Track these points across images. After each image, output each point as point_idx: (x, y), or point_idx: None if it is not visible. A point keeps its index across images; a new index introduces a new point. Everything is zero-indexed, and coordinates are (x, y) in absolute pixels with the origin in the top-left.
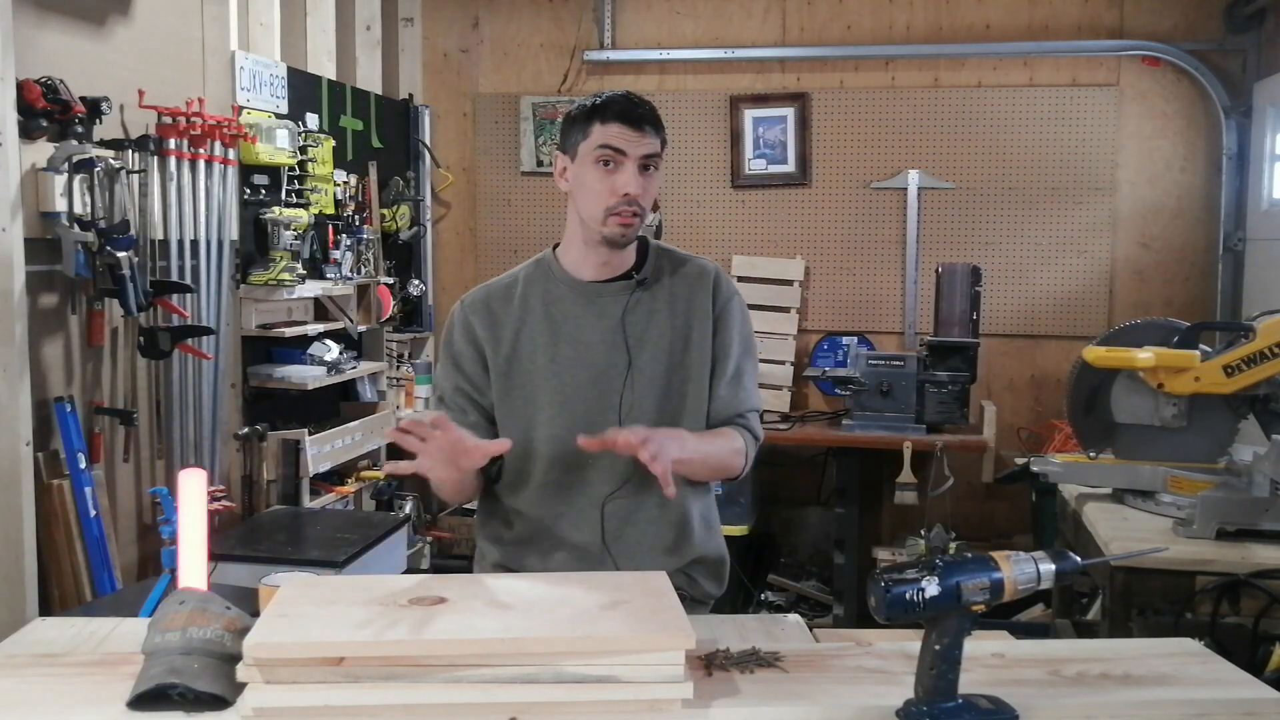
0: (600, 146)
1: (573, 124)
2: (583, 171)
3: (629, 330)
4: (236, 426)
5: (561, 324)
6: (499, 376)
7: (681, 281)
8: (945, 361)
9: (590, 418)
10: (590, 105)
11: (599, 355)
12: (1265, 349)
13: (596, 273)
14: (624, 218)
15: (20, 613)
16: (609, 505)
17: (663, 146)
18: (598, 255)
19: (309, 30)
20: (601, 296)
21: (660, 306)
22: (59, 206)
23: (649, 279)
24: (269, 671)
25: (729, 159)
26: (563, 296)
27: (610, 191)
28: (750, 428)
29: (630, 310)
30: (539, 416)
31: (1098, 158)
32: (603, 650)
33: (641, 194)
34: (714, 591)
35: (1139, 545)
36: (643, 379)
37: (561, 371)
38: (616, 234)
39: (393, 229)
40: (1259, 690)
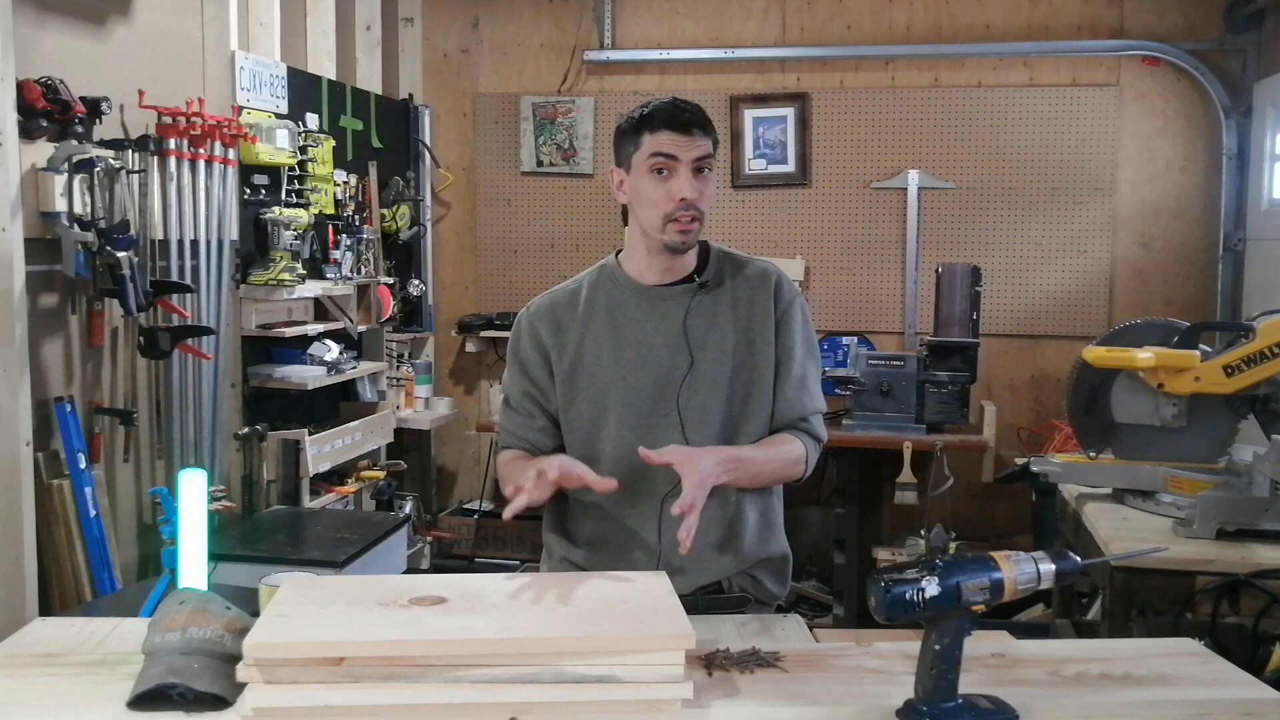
0: (652, 155)
1: (623, 137)
2: (638, 182)
3: (691, 332)
4: (236, 426)
5: (625, 327)
6: (564, 380)
7: (743, 284)
8: (945, 361)
9: (654, 419)
10: (639, 116)
11: (662, 357)
12: (1265, 349)
13: (659, 278)
14: (682, 224)
15: (20, 613)
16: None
17: (715, 146)
18: (660, 262)
19: (309, 30)
20: (664, 300)
21: (723, 309)
22: (59, 206)
23: (711, 282)
24: (269, 671)
25: (729, 159)
26: (626, 301)
27: (667, 198)
28: (813, 431)
29: (692, 312)
30: (604, 418)
31: (1098, 158)
32: (603, 650)
33: (698, 197)
34: (778, 592)
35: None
36: (705, 380)
37: (625, 374)
38: (677, 241)
39: (393, 229)
40: (1259, 690)
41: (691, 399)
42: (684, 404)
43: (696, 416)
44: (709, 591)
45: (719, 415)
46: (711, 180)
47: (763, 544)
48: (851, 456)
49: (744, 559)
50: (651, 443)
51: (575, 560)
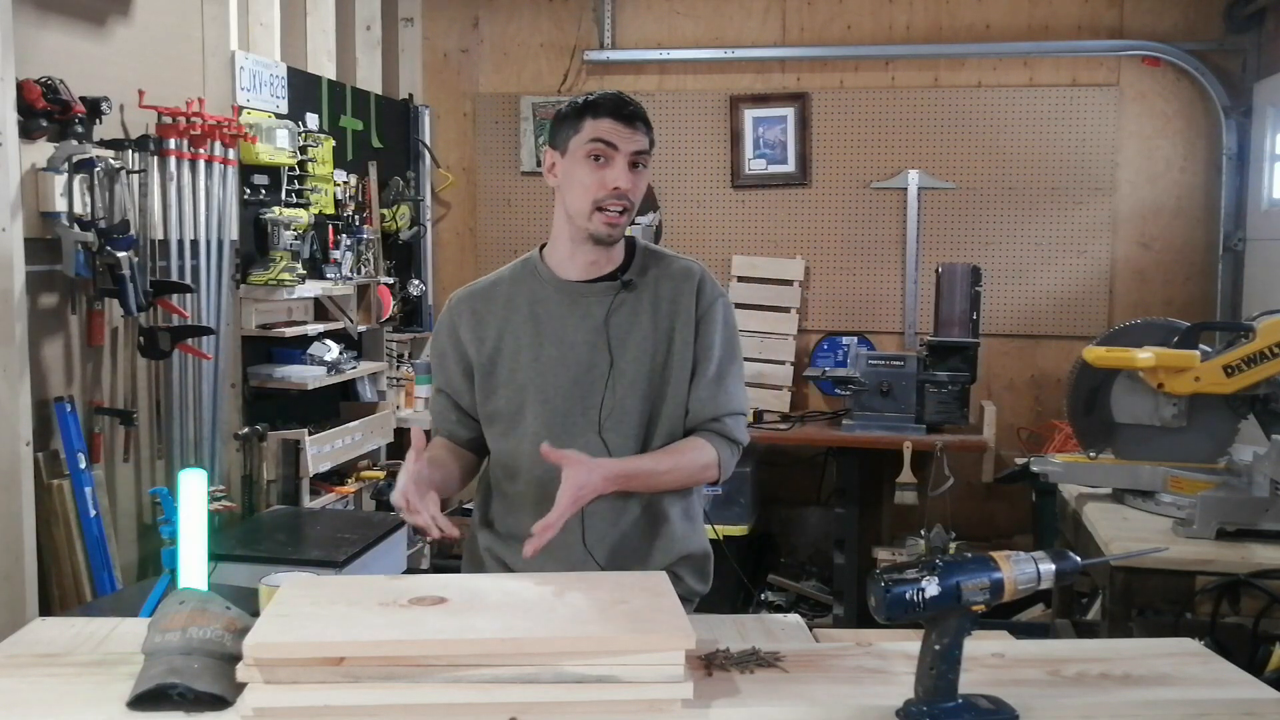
0: (592, 140)
1: (564, 120)
2: (573, 166)
3: (612, 331)
4: (236, 426)
5: (545, 324)
6: (483, 376)
7: (666, 282)
8: (945, 361)
9: (572, 418)
10: (582, 102)
11: (582, 355)
12: (1265, 349)
13: (583, 272)
14: (610, 215)
15: (20, 613)
16: (589, 506)
17: (651, 147)
18: (584, 254)
19: (309, 30)
20: (586, 297)
21: (644, 308)
22: (59, 206)
23: (634, 280)
24: (269, 671)
25: (729, 159)
26: (548, 297)
27: (600, 185)
28: (726, 432)
29: (614, 311)
30: (523, 415)
31: (1098, 158)
32: (603, 650)
33: (630, 189)
34: (700, 589)
35: (1139, 545)
36: (624, 380)
37: (544, 372)
38: (603, 231)
39: (393, 229)
40: (1259, 690)
41: (610, 399)
42: (604, 404)
43: (614, 416)
44: None
45: (636, 415)
46: (644, 177)
47: (684, 540)
48: (851, 456)
49: (666, 555)
50: (569, 441)
51: (500, 556)
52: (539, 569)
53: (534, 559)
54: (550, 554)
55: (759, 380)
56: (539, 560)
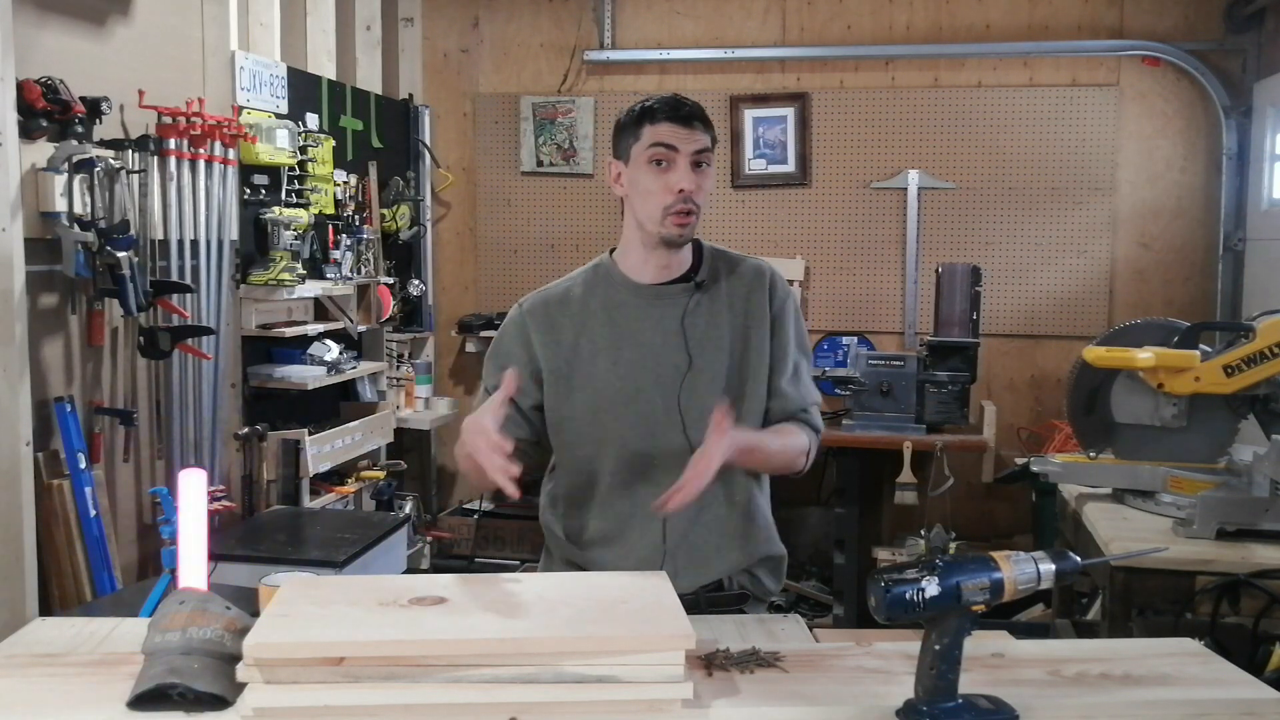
0: (652, 145)
1: (623, 130)
2: (637, 174)
3: (689, 332)
4: (236, 426)
5: (623, 326)
6: (558, 380)
7: (738, 282)
8: (945, 361)
9: (654, 418)
10: (639, 109)
11: (661, 357)
12: (1265, 349)
13: (656, 275)
14: (679, 216)
15: (20, 613)
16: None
17: (714, 143)
18: (657, 258)
19: (309, 30)
20: (661, 299)
21: (719, 308)
22: (59, 206)
23: (707, 281)
24: (269, 671)
25: (729, 159)
26: (624, 301)
27: (665, 190)
28: (812, 422)
29: (690, 312)
30: (604, 418)
31: (1098, 158)
32: (603, 650)
33: (696, 190)
34: (774, 588)
35: (1139, 545)
36: (703, 379)
37: (625, 374)
38: (674, 234)
39: (393, 229)
40: (1259, 690)
41: (692, 398)
42: (685, 403)
43: (697, 416)
44: (710, 589)
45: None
46: (709, 176)
47: (767, 543)
48: (851, 456)
49: (748, 556)
50: (654, 442)
51: (577, 561)
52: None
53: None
54: (632, 556)
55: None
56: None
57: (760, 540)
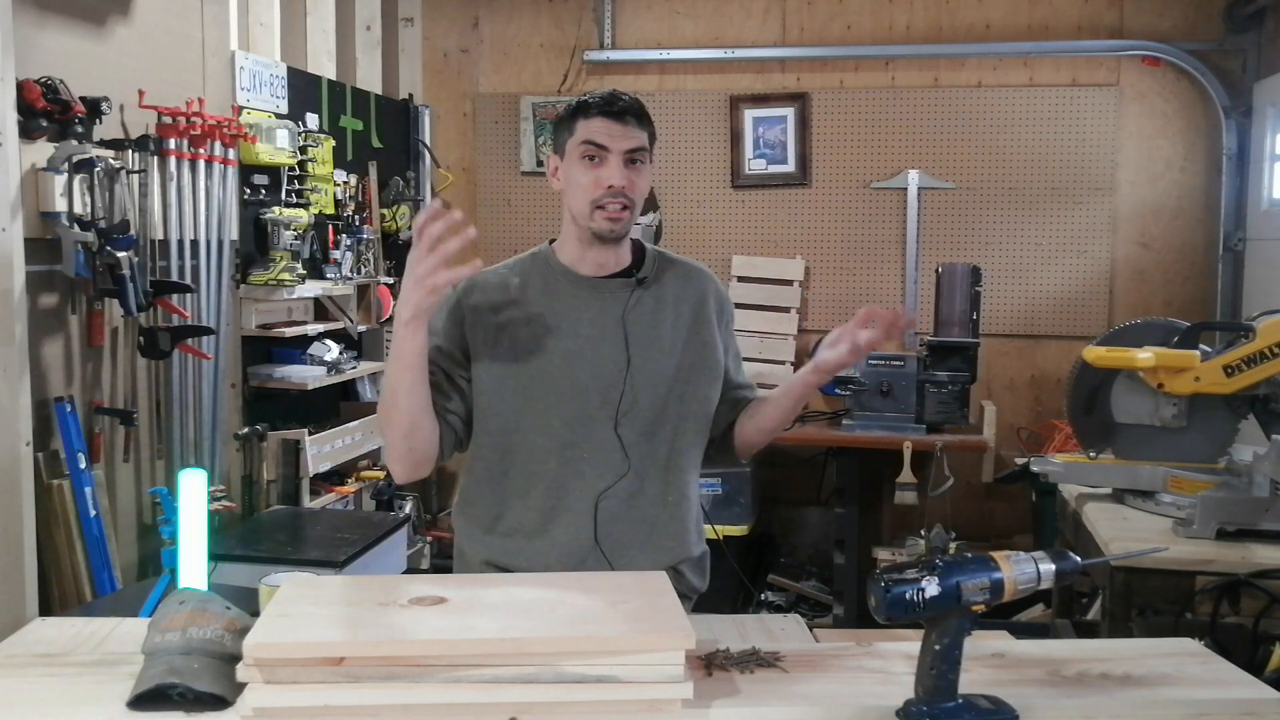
0: (584, 142)
1: (560, 124)
2: (570, 168)
3: (630, 328)
4: (236, 426)
5: (562, 316)
6: (491, 364)
7: (681, 283)
8: (945, 361)
9: (588, 412)
10: (575, 103)
11: (600, 350)
12: (1265, 349)
13: (594, 270)
14: (609, 211)
15: (20, 613)
16: (603, 501)
17: (651, 141)
18: (594, 253)
19: (309, 30)
20: (601, 292)
21: (664, 307)
22: (59, 206)
23: (650, 278)
24: (269, 671)
25: (729, 159)
26: (563, 290)
27: (595, 184)
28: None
29: (631, 309)
30: (535, 406)
31: (1098, 158)
32: (603, 650)
33: (627, 186)
34: (700, 586)
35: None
36: (641, 376)
37: (560, 364)
38: (604, 228)
39: (393, 229)
40: (1259, 690)
41: (629, 394)
42: (622, 400)
43: (631, 412)
44: None
45: (651, 411)
46: (644, 173)
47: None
48: (851, 456)
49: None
50: (584, 435)
51: (495, 560)
52: (549, 565)
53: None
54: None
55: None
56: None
57: (687, 539)
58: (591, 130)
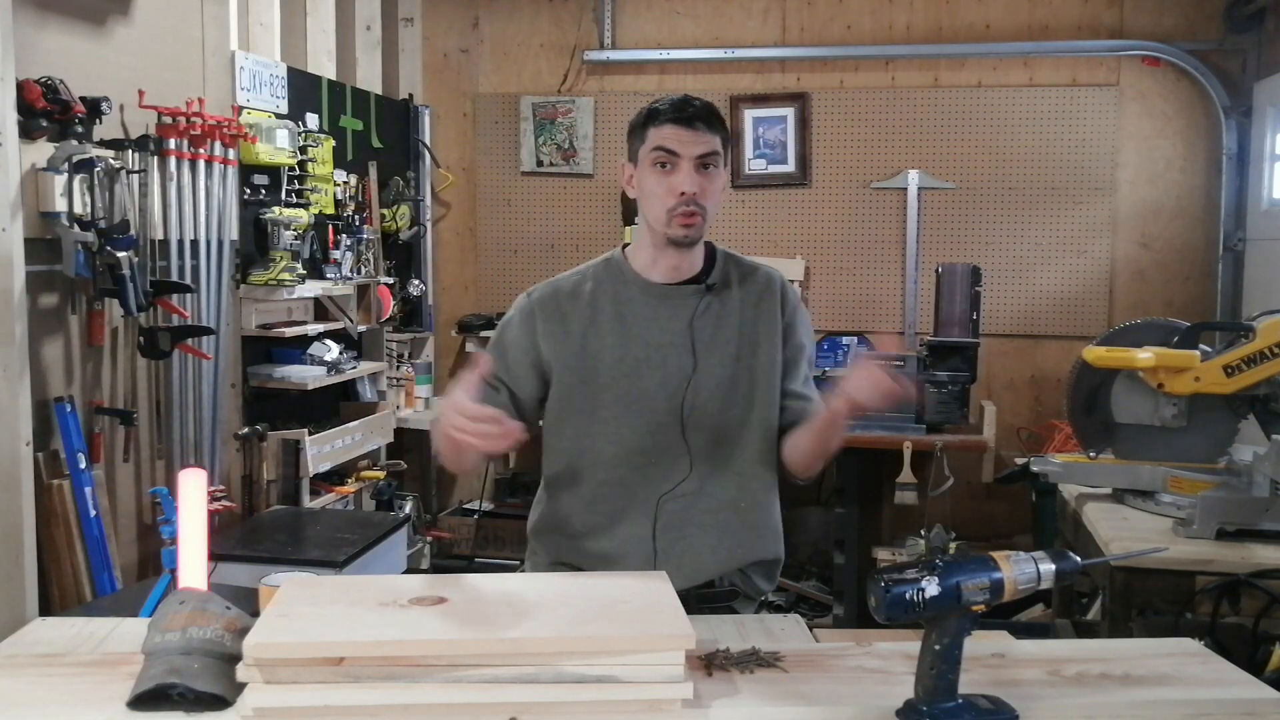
0: (655, 149)
1: (633, 132)
2: (644, 176)
3: (697, 334)
4: (236, 426)
5: (632, 324)
6: (564, 371)
7: (750, 288)
8: (945, 361)
9: (655, 418)
10: (646, 111)
11: (668, 357)
12: (1265, 349)
13: (666, 276)
14: (684, 217)
15: (20, 613)
16: (664, 504)
17: (725, 144)
18: (667, 258)
19: (309, 30)
20: (672, 299)
21: (729, 312)
22: (59, 206)
23: (718, 284)
24: (269, 671)
25: (729, 159)
26: (634, 298)
27: (668, 192)
28: None
29: (699, 315)
30: (603, 414)
31: (1098, 158)
32: (603, 650)
33: (700, 193)
34: (766, 588)
35: (1139, 545)
36: (707, 383)
37: (630, 371)
38: (679, 234)
39: (393, 229)
40: (1259, 690)
41: (694, 401)
42: (686, 405)
43: (697, 419)
44: (700, 588)
45: (717, 418)
46: (717, 178)
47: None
48: (851, 456)
49: (740, 558)
50: (651, 441)
51: (568, 561)
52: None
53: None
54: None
55: None
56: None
57: (757, 542)
58: (663, 137)
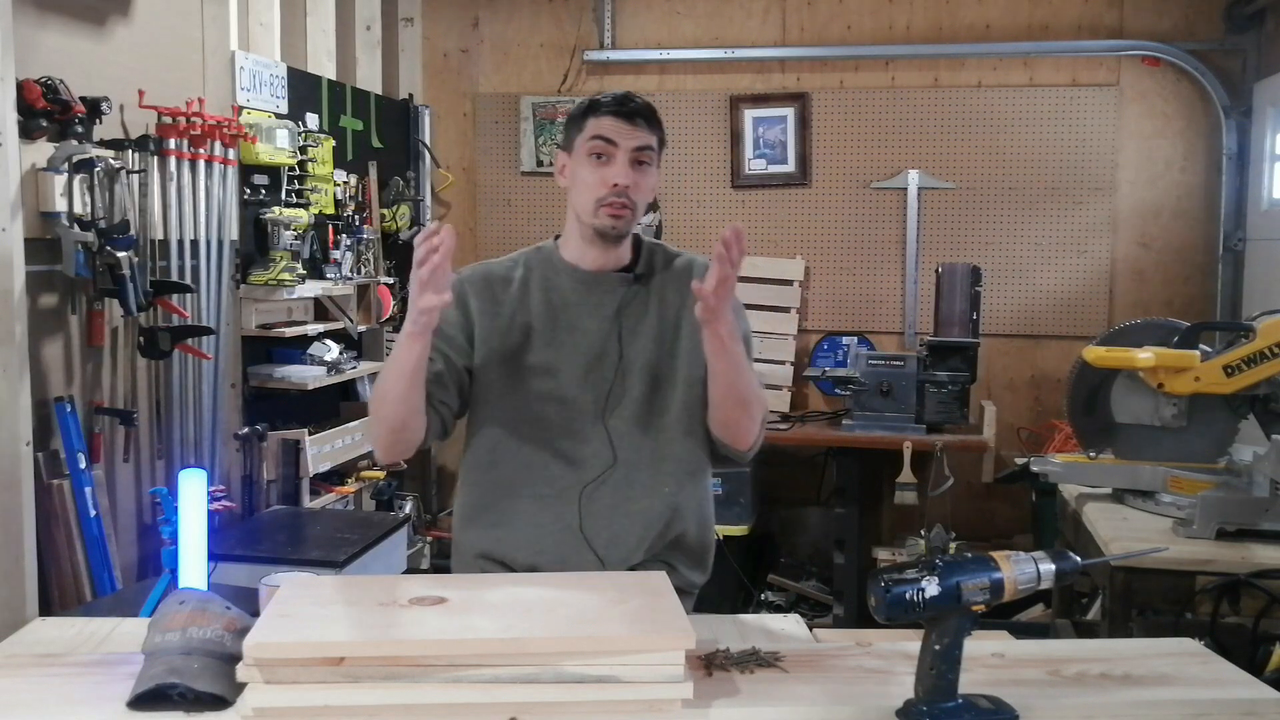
0: (592, 138)
1: (571, 121)
2: (578, 165)
3: (624, 323)
4: (236, 426)
5: (560, 311)
6: (490, 353)
7: (674, 276)
8: (945, 361)
9: (580, 404)
10: (587, 102)
11: (594, 343)
12: (1265, 349)
13: (595, 266)
14: (613, 209)
15: (20, 613)
16: (589, 491)
17: (660, 144)
18: (594, 250)
19: (309, 30)
20: (600, 288)
21: (655, 301)
22: (59, 206)
23: (644, 274)
24: (269, 671)
25: (729, 159)
26: (563, 285)
27: (600, 182)
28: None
29: (626, 304)
30: (528, 398)
31: (1098, 158)
32: (603, 650)
33: (632, 186)
34: (697, 580)
35: (1139, 545)
36: (630, 370)
37: (555, 356)
38: (607, 225)
39: (393, 229)
40: (1259, 690)
41: (618, 388)
42: (613, 394)
43: (619, 405)
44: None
45: (640, 406)
46: (650, 174)
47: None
48: (851, 456)
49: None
50: (574, 427)
51: (493, 554)
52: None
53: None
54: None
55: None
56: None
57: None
58: (602, 127)
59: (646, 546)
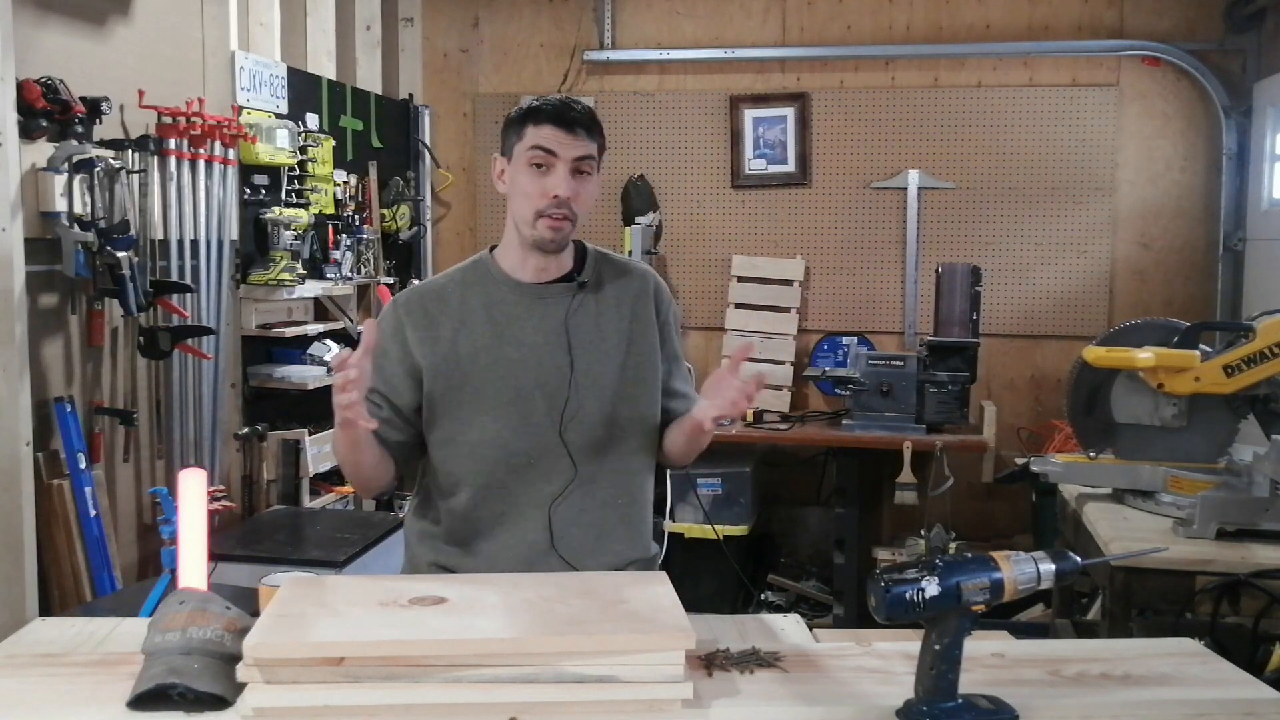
0: (532, 148)
1: (509, 126)
2: (516, 174)
3: (572, 334)
4: (236, 426)
5: (504, 326)
6: (436, 377)
7: (624, 286)
8: (945, 361)
9: (535, 419)
10: (526, 107)
11: (543, 357)
12: (1265, 349)
13: (535, 276)
14: (553, 220)
15: (20, 613)
16: (556, 506)
17: (601, 151)
18: (535, 258)
19: (309, 30)
20: (544, 298)
21: (605, 310)
22: (59, 206)
23: (590, 282)
24: (269, 671)
25: (729, 159)
26: (504, 298)
27: (540, 193)
28: None
29: (574, 313)
30: (481, 418)
31: (1098, 158)
32: (603, 650)
33: (572, 197)
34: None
35: (1139, 545)
36: (586, 382)
37: (505, 373)
38: (545, 237)
39: (393, 229)
40: (1259, 690)
41: (574, 400)
42: (567, 406)
43: (576, 418)
44: None
45: (598, 416)
46: (590, 183)
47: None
48: (851, 456)
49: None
50: (530, 442)
51: (442, 563)
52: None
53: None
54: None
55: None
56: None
57: (639, 541)
58: (542, 136)
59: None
